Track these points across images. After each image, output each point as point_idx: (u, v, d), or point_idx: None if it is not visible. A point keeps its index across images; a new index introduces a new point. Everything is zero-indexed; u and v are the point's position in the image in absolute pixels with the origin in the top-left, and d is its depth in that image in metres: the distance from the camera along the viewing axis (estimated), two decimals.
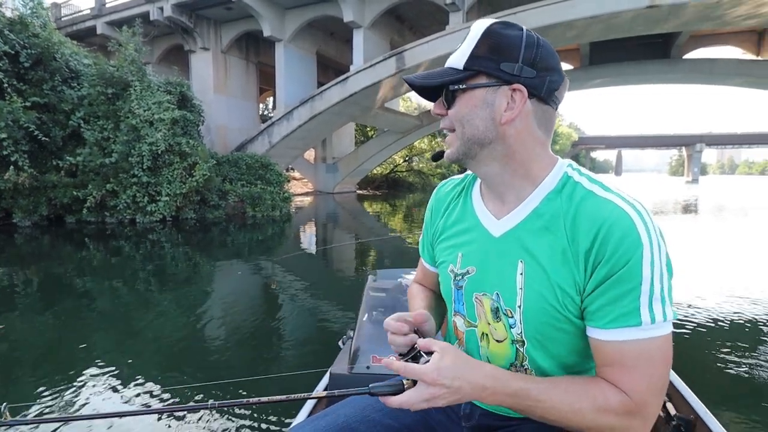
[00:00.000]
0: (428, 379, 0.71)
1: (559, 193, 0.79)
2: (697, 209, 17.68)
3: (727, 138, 76.36)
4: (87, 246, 8.93)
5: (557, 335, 0.79)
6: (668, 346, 0.73)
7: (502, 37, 0.76)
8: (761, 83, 19.95)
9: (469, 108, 0.78)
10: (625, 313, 0.70)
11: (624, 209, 0.72)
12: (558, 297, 0.76)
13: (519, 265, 0.80)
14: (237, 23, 17.36)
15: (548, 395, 0.73)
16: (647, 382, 0.71)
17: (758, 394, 2.80)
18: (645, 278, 0.69)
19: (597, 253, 0.72)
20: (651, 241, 0.70)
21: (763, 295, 4.94)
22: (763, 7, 11.57)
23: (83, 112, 11.39)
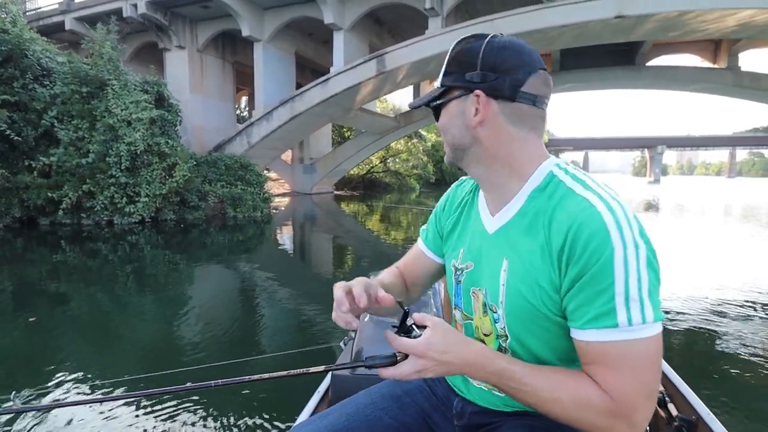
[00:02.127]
0: (418, 352, 0.74)
1: (542, 192, 0.81)
2: (670, 209, 18.61)
3: (686, 140, 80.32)
4: (62, 248, 8.73)
5: (538, 333, 0.80)
6: (653, 349, 0.70)
7: (464, 51, 0.83)
8: (717, 89, 21.20)
9: (447, 119, 0.86)
10: (602, 314, 0.70)
11: (596, 207, 0.72)
12: (537, 295, 0.77)
13: (504, 262, 0.83)
14: (214, 22, 17.15)
15: (530, 379, 0.74)
16: (630, 385, 0.70)
17: (760, 394, 2.83)
18: (617, 278, 0.69)
19: (569, 252, 0.72)
20: (624, 241, 0.69)
21: (761, 294, 5.08)
22: (719, 21, 12.39)
23: (56, 111, 11.08)
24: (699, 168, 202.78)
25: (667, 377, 1.63)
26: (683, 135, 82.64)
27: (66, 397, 2.69)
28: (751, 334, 3.81)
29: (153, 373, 2.81)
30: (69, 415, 2.47)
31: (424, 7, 13.87)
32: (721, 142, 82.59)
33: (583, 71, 20.66)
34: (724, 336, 3.75)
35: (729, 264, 7.20)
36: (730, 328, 3.96)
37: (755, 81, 19.09)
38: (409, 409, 1.01)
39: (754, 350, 3.45)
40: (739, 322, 4.13)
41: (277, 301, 5.27)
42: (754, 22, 12.46)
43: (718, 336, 3.74)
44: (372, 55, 14.79)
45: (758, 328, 3.98)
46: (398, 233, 11.16)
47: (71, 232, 10.27)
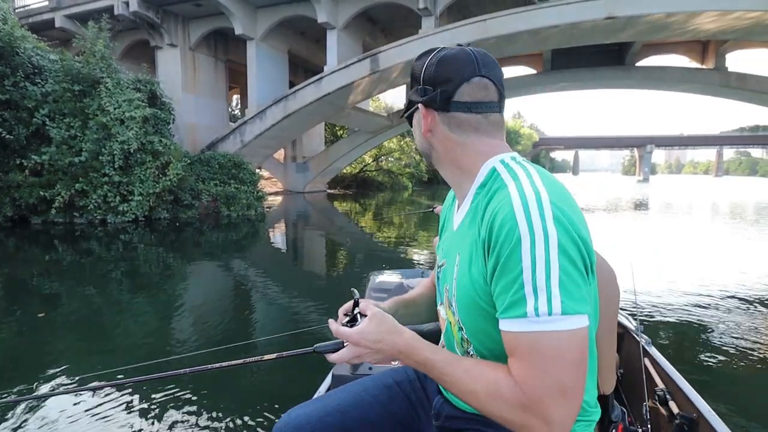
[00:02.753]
0: (352, 340, 0.81)
1: (483, 188, 0.84)
2: (660, 208, 18.88)
3: (674, 140, 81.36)
4: (55, 247, 8.69)
5: (484, 325, 0.80)
6: (566, 344, 0.68)
7: (414, 67, 0.91)
8: (705, 89, 21.57)
9: (414, 129, 0.96)
10: (513, 303, 0.70)
11: (510, 197, 0.73)
12: (474, 287, 0.79)
13: (457, 257, 0.86)
14: (206, 20, 17.07)
15: (450, 369, 0.77)
16: (539, 379, 0.68)
17: (761, 392, 2.85)
18: (525, 268, 0.68)
19: (488, 242, 0.74)
20: (532, 229, 0.69)
21: (760, 292, 5.14)
22: (706, 22, 12.62)
23: (48, 109, 11.01)
24: (687, 167, 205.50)
25: (668, 374, 1.63)
26: (672, 134, 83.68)
27: (58, 388, 2.74)
28: (752, 331, 3.83)
29: (140, 363, 2.90)
30: (62, 405, 2.54)
31: (418, 6, 13.96)
32: (708, 141, 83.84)
33: (573, 71, 20.89)
34: (724, 333, 3.76)
35: (721, 260, 7.32)
36: (730, 325, 3.98)
37: (741, 81, 19.46)
38: (398, 399, 1.06)
39: (755, 348, 3.46)
40: (739, 320, 4.16)
41: (271, 299, 5.30)
42: (740, 24, 12.72)
43: (718, 333, 3.76)
44: (366, 54, 14.85)
45: (759, 325, 4.03)
46: (391, 231, 11.24)
47: (64, 231, 10.22)
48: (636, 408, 1.68)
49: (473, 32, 12.82)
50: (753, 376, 3.08)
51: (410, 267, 6.58)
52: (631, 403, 1.77)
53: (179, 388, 2.76)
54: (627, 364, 1.92)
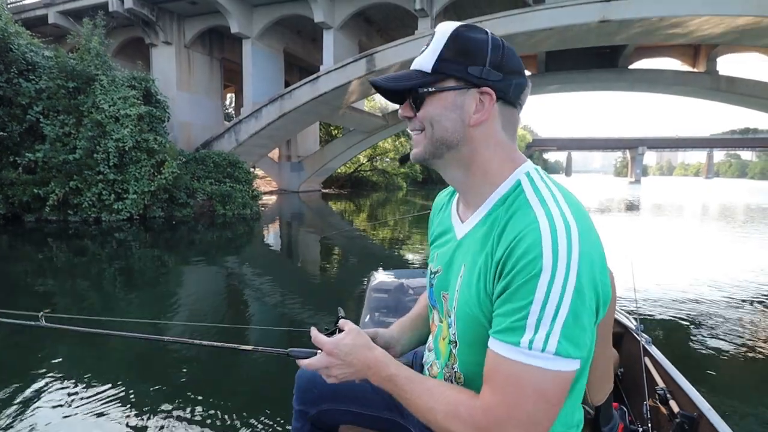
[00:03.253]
0: (326, 349, 0.83)
1: (504, 202, 0.78)
2: (654, 210, 19.09)
3: (665, 142, 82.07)
4: (49, 245, 8.64)
5: (482, 341, 0.76)
6: (548, 384, 0.66)
7: (469, 41, 0.77)
8: (696, 92, 21.85)
9: (439, 109, 0.78)
10: (511, 328, 0.68)
11: (539, 224, 0.69)
12: (479, 303, 0.76)
13: (461, 268, 0.82)
14: (201, 18, 17.01)
15: (411, 388, 0.77)
16: (507, 408, 0.67)
17: (762, 390, 2.85)
18: (537, 300, 0.66)
19: (503, 264, 0.71)
20: (555, 264, 0.66)
21: (759, 291, 5.19)
22: (697, 26, 12.83)
23: (42, 106, 10.94)
24: (678, 169, 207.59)
25: (668, 373, 1.62)
26: (663, 136, 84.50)
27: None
28: (752, 330, 3.85)
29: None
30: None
31: (414, 7, 14.02)
32: (699, 143, 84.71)
33: (567, 73, 21.06)
34: (725, 333, 3.77)
35: (719, 260, 7.41)
36: (730, 324, 4.00)
37: (731, 84, 19.74)
38: None
39: (755, 347, 3.48)
40: (739, 319, 4.19)
41: (262, 299, 5.29)
42: (731, 29, 12.93)
43: (719, 333, 3.77)
44: (362, 54, 14.89)
45: (755, 321, 4.07)
46: (385, 232, 11.31)
47: (58, 229, 10.16)
48: (636, 407, 1.68)
49: None
50: (753, 374, 3.07)
51: (406, 266, 6.63)
52: (632, 402, 1.77)
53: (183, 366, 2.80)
54: (627, 364, 1.92)
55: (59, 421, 2.41)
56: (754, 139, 76.46)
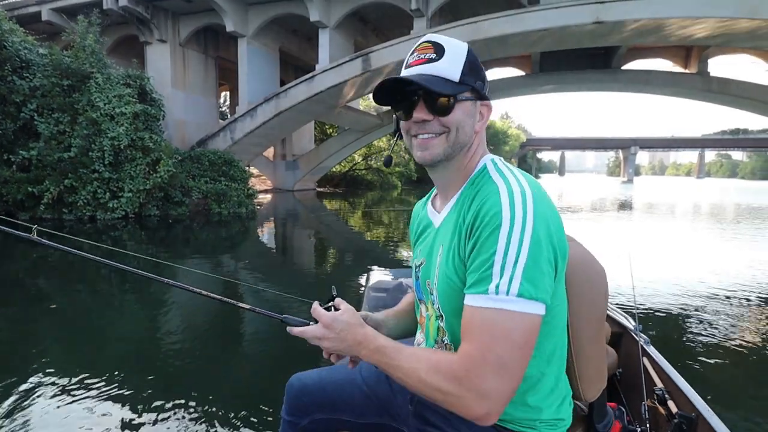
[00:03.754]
0: (324, 322, 0.89)
1: (471, 184, 0.89)
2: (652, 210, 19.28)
3: (658, 142, 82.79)
4: (43, 244, 8.58)
5: (462, 309, 0.82)
6: (515, 326, 0.73)
7: (475, 59, 0.90)
8: (688, 93, 22.13)
9: (463, 116, 0.88)
10: (479, 280, 0.75)
11: (498, 187, 0.81)
12: (455, 270, 0.84)
13: (440, 248, 0.91)
14: (196, 16, 16.96)
15: (398, 355, 0.82)
16: (480, 352, 0.72)
17: (760, 391, 2.85)
18: (499, 249, 0.74)
19: (471, 224, 0.80)
20: (513, 217, 0.75)
21: (758, 291, 5.20)
22: (689, 28, 12.99)
23: (36, 103, 10.88)
24: (670, 168, 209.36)
25: (667, 374, 1.63)
26: (656, 136, 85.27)
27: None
28: (751, 330, 3.87)
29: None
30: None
31: (410, 8, 14.08)
32: (691, 143, 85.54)
33: (561, 73, 21.24)
34: (723, 333, 3.79)
35: (716, 259, 7.43)
36: (729, 324, 4.02)
37: (723, 86, 20.02)
38: (382, 383, 1.13)
39: (754, 347, 3.50)
40: (733, 316, 4.23)
41: (265, 298, 5.35)
42: (723, 31, 13.11)
43: (718, 333, 3.79)
44: (358, 53, 14.93)
45: (754, 321, 4.08)
46: (380, 230, 11.37)
47: (52, 227, 9.93)
48: (635, 407, 1.68)
49: (465, 33, 12.97)
50: (752, 375, 3.08)
51: (402, 265, 6.67)
52: (630, 402, 1.77)
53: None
54: (626, 364, 1.92)
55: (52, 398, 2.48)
56: (744, 140, 77.35)
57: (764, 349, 3.47)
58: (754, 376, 3.08)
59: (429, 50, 0.87)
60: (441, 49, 0.87)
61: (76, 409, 2.47)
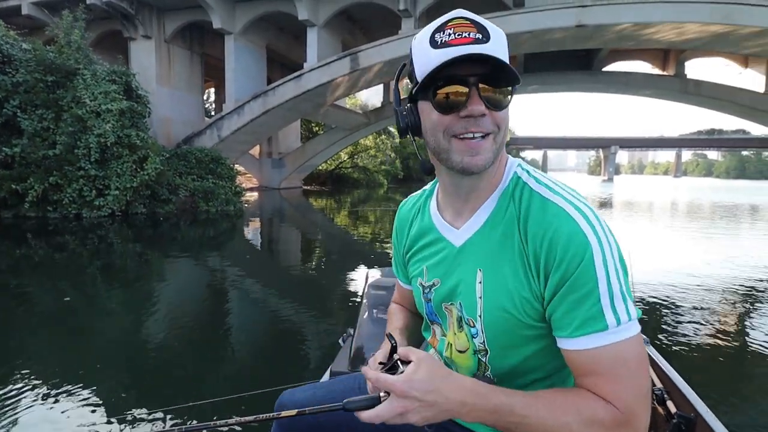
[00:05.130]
0: (398, 390, 0.66)
1: (511, 196, 0.77)
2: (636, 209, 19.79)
3: (637, 141, 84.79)
4: (28, 242, 8.50)
5: (520, 345, 0.77)
6: (640, 346, 0.69)
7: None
8: (665, 94, 22.81)
9: (508, 113, 0.76)
10: (589, 318, 0.67)
11: (568, 211, 0.71)
12: (516, 304, 0.74)
13: (478, 273, 0.78)
14: (182, 12, 16.79)
15: (532, 410, 0.67)
16: (630, 389, 0.67)
17: (759, 391, 2.85)
18: (600, 279, 0.67)
19: (547, 259, 0.70)
20: (599, 240, 0.68)
21: (756, 291, 5.21)
22: (667, 32, 13.46)
23: (19, 99, 10.71)
24: (649, 167, 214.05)
25: (666, 374, 1.63)
26: (635, 136, 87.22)
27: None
28: (750, 330, 3.86)
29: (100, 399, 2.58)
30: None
31: (398, 8, 14.24)
32: (668, 143, 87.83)
33: (545, 74, 21.67)
34: (722, 333, 3.78)
35: (713, 258, 7.36)
36: (727, 324, 4.02)
37: (698, 87, 20.71)
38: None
39: (750, 345, 3.50)
40: (732, 316, 4.23)
41: (267, 300, 5.21)
42: (699, 35, 13.61)
43: (716, 334, 3.77)
44: (346, 52, 15.03)
45: (753, 322, 4.06)
46: (366, 228, 11.52)
47: (36, 225, 9.99)
48: None
49: None
50: (751, 375, 3.08)
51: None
52: None
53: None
54: None
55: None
56: (719, 140, 79.66)
57: (763, 349, 3.44)
58: (753, 376, 3.07)
59: (470, 28, 0.70)
60: (484, 30, 0.71)
61: (55, 410, 2.42)
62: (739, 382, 2.99)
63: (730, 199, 24.87)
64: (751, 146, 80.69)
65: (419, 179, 40.54)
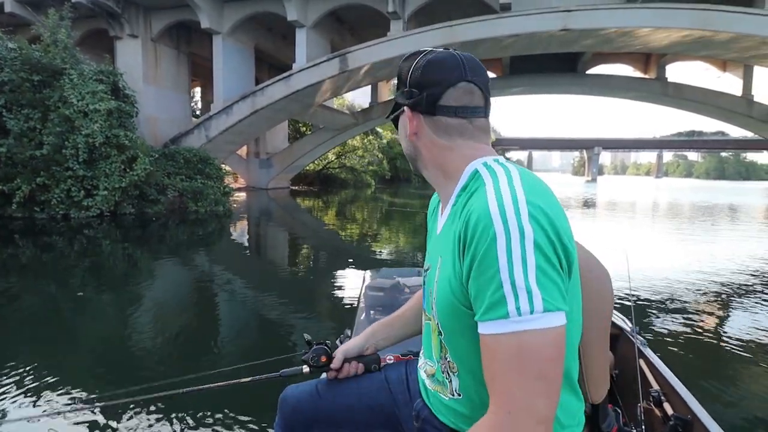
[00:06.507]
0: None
1: (464, 190, 0.83)
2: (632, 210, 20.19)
3: (619, 142, 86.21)
4: (15, 243, 8.43)
5: (463, 328, 0.78)
6: (549, 341, 0.66)
7: (401, 69, 0.89)
8: (647, 97, 23.37)
9: (399, 132, 0.94)
10: (493, 304, 0.67)
11: (486, 197, 0.72)
12: (451, 287, 0.78)
13: (439, 260, 0.85)
14: (169, 12, 16.67)
15: None
16: (524, 379, 0.66)
17: (756, 393, 2.88)
18: (502, 266, 0.66)
19: (463, 241, 0.73)
20: (506, 226, 0.67)
21: (755, 292, 5.25)
22: (647, 37, 13.86)
23: (4, 99, 10.56)
24: (631, 168, 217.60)
25: (663, 376, 1.63)
26: (617, 138, 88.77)
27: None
28: (748, 330, 3.87)
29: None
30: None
31: (387, 10, 14.37)
32: (650, 144, 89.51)
33: (531, 76, 22.05)
34: (720, 335, 3.80)
35: (711, 258, 7.40)
36: (726, 325, 4.05)
37: (678, 91, 21.29)
38: (384, 394, 1.10)
39: (747, 347, 3.51)
40: (730, 317, 4.28)
41: (264, 301, 5.17)
42: (679, 40, 14.04)
43: (714, 335, 3.80)
44: (336, 53, 15.11)
45: (751, 322, 4.07)
46: (354, 228, 11.63)
47: (23, 226, 9.89)
48: (630, 409, 1.66)
49: (440, 37, 13.40)
50: (748, 377, 3.10)
51: (397, 265, 6.63)
52: (626, 404, 1.76)
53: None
54: (622, 365, 1.92)
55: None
56: (699, 141, 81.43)
57: (761, 352, 3.46)
58: (750, 378, 3.09)
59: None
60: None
61: (40, 407, 2.41)
62: (737, 384, 2.99)
63: (710, 199, 25.53)
64: (729, 148, 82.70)
65: (406, 180, 40.84)
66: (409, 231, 11.25)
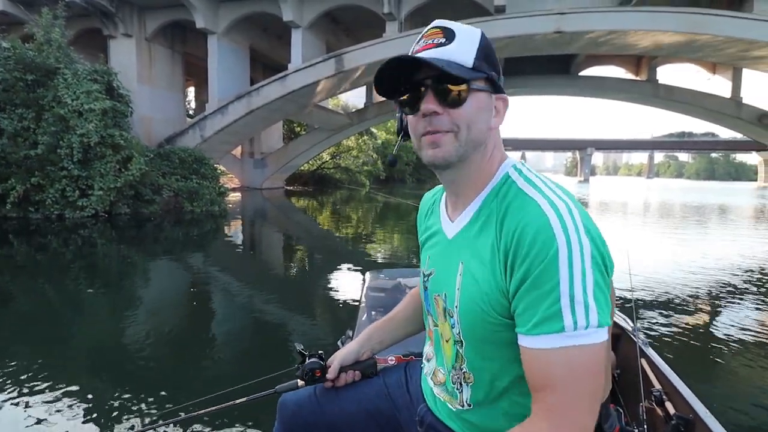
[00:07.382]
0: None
1: (496, 194, 0.78)
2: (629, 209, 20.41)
3: (611, 143, 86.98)
4: (9, 243, 8.38)
5: (491, 338, 0.76)
6: (600, 357, 0.66)
7: (491, 48, 0.78)
8: (638, 98, 23.67)
9: (477, 110, 0.76)
10: (547, 317, 0.66)
11: (542, 207, 0.70)
12: (486, 298, 0.74)
13: (459, 266, 0.80)
14: (164, 11, 16.63)
15: None
16: (572, 396, 0.66)
17: (758, 393, 2.84)
18: (562, 279, 0.65)
19: (514, 253, 0.69)
20: (569, 240, 0.66)
21: (754, 292, 5.23)
22: (640, 40, 14.06)
23: None
24: (623, 169, 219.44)
25: (665, 375, 1.62)
26: (609, 138, 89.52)
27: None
28: (749, 331, 3.85)
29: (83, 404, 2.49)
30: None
31: (383, 11, 14.45)
32: (641, 145, 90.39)
33: (524, 77, 22.22)
34: (721, 335, 3.78)
35: (710, 258, 7.41)
36: (726, 325, 4.03)
37: (669, 92, 21.59)
38: (383, 398, 1.07)
39: (749, 347, 3.50)
40: (730, 318, 4.23)
41: (263, 303, 5.17)
42: (669, 43, 14.26)
43: (716, 335, 3.78)
44: (331, 54, 15.17)
45: (751, 323, 4.06)
46: (349, 228, 11.68)
47: (18, 226, 9.84)
48: (632, 409, 1.65)
49: None
50: (749, 377, 3.08)
51: (397, 265, 6.59)
52: (628, 403, 1.76)
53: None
54: (624, 365, 1.91)
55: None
56: (689, 142, 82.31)
57: (762, 351, 3.45)
58: (752, 377, 3.07)
59: (438, 35, 0.76)
60: (451, 33, 0.76)
61: (33, 410, 2.41)
62: (739, 383, 2.97)
63: (701, 200, 25.84)
64: (719, 149, 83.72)
65: (401, 180, 40.86)
66: (404, 231, 11.34)
